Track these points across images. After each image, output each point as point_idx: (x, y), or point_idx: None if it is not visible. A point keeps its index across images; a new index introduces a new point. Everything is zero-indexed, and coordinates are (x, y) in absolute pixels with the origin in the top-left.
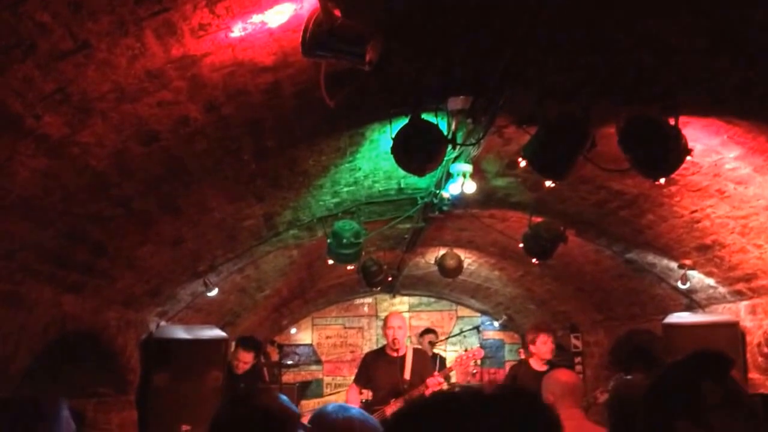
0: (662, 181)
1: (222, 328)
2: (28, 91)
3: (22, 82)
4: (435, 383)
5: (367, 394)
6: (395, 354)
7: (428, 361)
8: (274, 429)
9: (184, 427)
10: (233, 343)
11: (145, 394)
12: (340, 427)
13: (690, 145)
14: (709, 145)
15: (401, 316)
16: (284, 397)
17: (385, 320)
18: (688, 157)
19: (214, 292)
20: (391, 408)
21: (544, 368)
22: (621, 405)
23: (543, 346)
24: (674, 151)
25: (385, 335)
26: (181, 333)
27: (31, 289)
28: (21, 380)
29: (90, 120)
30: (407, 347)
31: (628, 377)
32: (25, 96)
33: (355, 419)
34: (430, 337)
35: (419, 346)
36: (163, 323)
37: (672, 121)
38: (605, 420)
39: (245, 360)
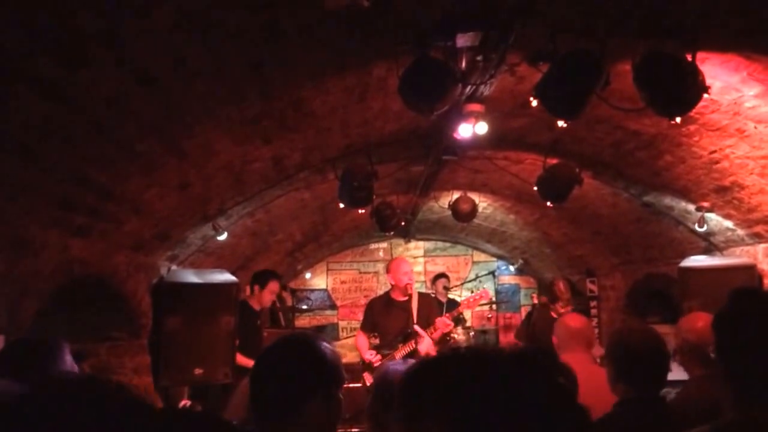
0: (678, 120)
1: (234, 273)
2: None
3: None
4: (443, 324)
5: (376, 340)
6: (401, 298)
7: (434, 305)
8: None
9: (197, 371)
10: (255, 280)
11: (158, 338)
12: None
13: (708, 82)
14: (729, 83)
15: (407, 261)
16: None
17: (395, 266)
18: (706, 95)
19: (224, 236)
20: (400, 352)
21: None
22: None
23: (559, 293)
24: (691, 89)
25: (397, 280)
26: (191, 277)
27: (36, 233)
28: (31, 324)
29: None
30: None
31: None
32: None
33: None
34: (443, 281)
35: (425, 291)
36: (174, 267)
37: (689, 57)
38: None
39: (273, 290)
